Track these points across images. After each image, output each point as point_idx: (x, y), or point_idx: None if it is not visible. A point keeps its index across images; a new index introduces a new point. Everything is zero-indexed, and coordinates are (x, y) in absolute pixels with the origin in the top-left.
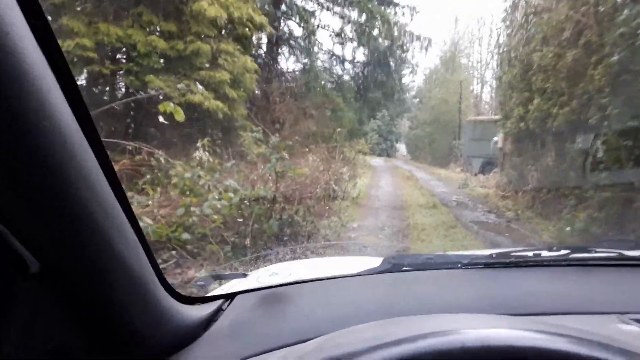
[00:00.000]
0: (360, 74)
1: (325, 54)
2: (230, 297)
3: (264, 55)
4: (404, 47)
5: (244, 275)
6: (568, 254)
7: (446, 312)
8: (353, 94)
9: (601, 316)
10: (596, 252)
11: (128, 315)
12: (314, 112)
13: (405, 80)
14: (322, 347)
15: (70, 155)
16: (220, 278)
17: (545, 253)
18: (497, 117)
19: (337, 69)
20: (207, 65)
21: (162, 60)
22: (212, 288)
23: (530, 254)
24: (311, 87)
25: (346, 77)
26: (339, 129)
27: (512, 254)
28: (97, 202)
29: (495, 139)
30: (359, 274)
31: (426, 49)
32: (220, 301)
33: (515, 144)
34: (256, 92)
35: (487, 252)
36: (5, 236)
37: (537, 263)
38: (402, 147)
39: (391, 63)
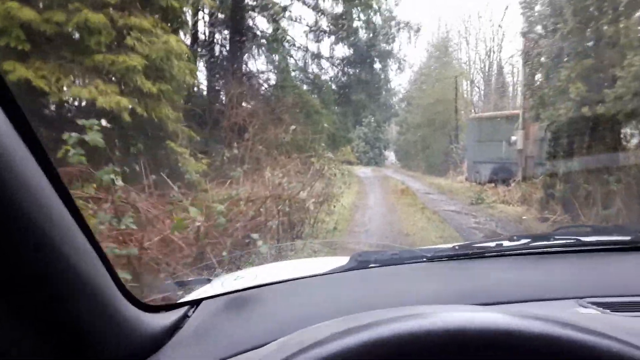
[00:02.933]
0: (340, 72)
1: (298, 50)
2: (195, 303)
3: (225, 52)
4: (389, 38)
5: (209, 281)
6: (528, 242)
7: (413, 305)
8: (333, 96)
9: (561, 301)
10: (555, 239)
11: (84, 324)
12: (285, 116)
13: (392, 78)
14: (283, 346)
15: (9, 159)
16: (184, 285)
17: (506, 243)
18: (513, 111)
19: (313, 68)
20: (105, 46)
21: (30, 40)
22: (177, 295)
23: (492, 244)
24: (281, 86)
25: (324, 77)
26: (316, 136)
27: (474, 245)
28: (40, 209)
29: (514, 138)
30: (325, 273)
31: (415, 38)
32: (185, 308)
33: (557, 140)
34: (203, 90)
35: (450, 245)
36: None
37: (499, 253)
38: (391, 155)
39: (375, 58)
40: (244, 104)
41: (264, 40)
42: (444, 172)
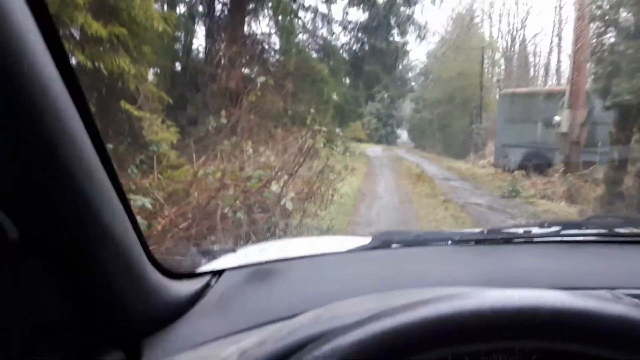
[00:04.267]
0: (353, 39)
1: (307, 11)
2: (218, 273)
3: (226, 11)
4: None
5: (233, 251)
6: (559, 230)
7: (440, 286)
8: (344, 65)
9: (593, 292)
10: (587, 228)
11: (113, 287)
12: (286, 83)
13: (410, 48)
14: (319, 319)
15: (55, 116)
16: (208, 254)
17: (536, 230)
18: (555, 87)
19: (323, 32)
20: None
21: None
22: (200, 263)
23: (521, 230)
24: (284, 50)
25: (334, 44)
26: (321, 107)
27: (503, 230)
28: (81, 167)
29: (557, 118)
30: (349, 251)
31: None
32: (208, 277)
33: (629, 122)
34: (199, 52)
35: (477, 229)
36: None
37: (528, 239)
38: (403, 134)
39: (393, 23)
40: (241, 69)
41: None
42: (464, 154)
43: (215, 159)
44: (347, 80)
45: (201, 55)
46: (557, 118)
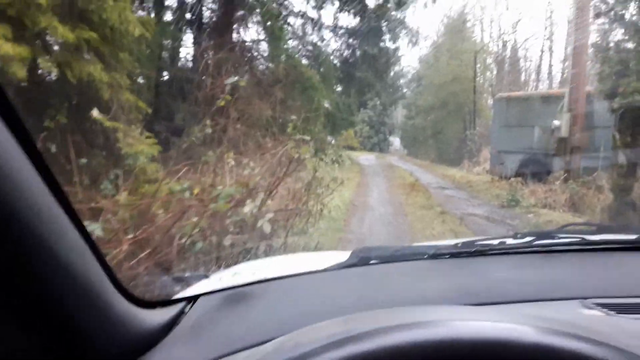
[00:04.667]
0: (344, 45)
1: (296, 16)
2: (192, 299)
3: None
4: (402, 2)
5: (206, 277)
6: (532, 240)
7: (414, 304)
8: (335, 72)
9: (565, 302)
10: (559, 237)
11: (77, 320)
12: (275, 91)
13: (402, 53)
14: (280, 348)
15: (1, 159)
16: (181, 280)
17: (509, 241)
18: (552, 90)
19: (313, 38)
20: None
21: None
22: (174, 290)
23: (495, 242)
24: (272, 56)
25: (325, 50)
26: (311, 115)
27: (477, 242)
28: (32, 206)
29: (557, 123)
30: (325, 270)
31: (433, 1)
32: (182, 304)
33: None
34: (187, 60)
35: (453, 241)
36: None
37: (502, 251)
38: (395, 141)
39: (384, 28)
40: (228, 76)
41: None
42: (458, 161)
43: (195, 172)
44: (339, 88)
45: (188, 63)
46: (556, 122)
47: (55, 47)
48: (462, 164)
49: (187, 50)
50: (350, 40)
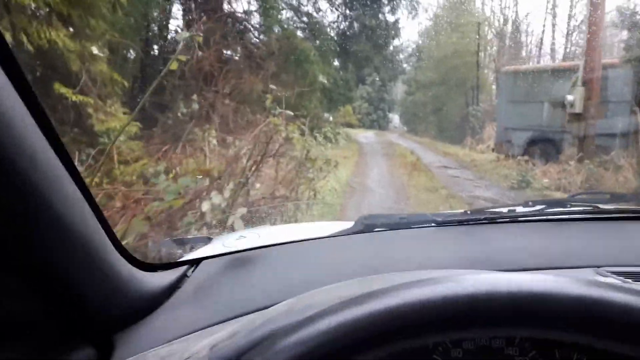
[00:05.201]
0: (341, 17)
1: None
2: (195, 262)
3: None
4: None
5: (209, 240)
6: (543, 209)
7: (423, 269)
8: (332, 44)
9: (578, 270)
10: (571, 206)
11: (80, 282)
12: (267, 64)
13: (402, 25)
14: (292, 309)
15: (7, 123)
16: (183, 243)
17: (520, 209)
18: (564, 62)
19: (309, 9)
20: None
21: None
22: (176, 253)
23: (505, 210)
24: (265, 27)
25: (322, 22)
26: (306, 89)
27: (487, 210)
28: (36, 167)
29: (570, 98)
30: (330, 236)
31: None
32: (184, 267)
33: None
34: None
35: (461, 210)
36: None
37: (512, 219)
38: (395, 118)
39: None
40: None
41: None
42: (460, 139)
43: (179, 151)
44: (336, 62)
45: (174, 34)
46: (569, 97)
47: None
48: (465, 142)
49: (177, 22)
50: (348, 12)
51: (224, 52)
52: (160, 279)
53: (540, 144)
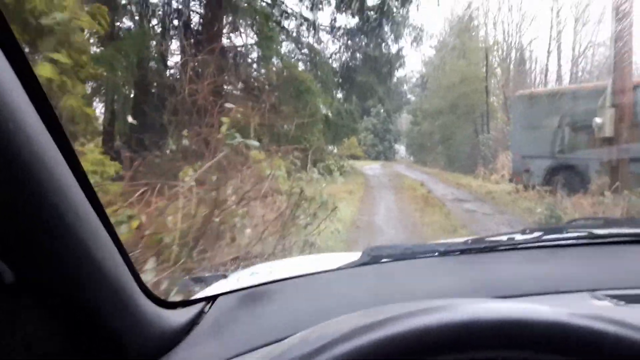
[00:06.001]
0: (343, 47)
1: (290, 18)
2: (211, 299)
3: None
4: None
5: (225, 277)
6: (540, 235)
7: (427, 299)
8: (334, 76)
9: (575, 294)
10: (567, 232)
11: (108, 322)
12: (264, 96)
13: (405, 53)
14: (305, 340)
15: (39, 159)
16: (200, 281)
17: (518, 236)
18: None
19: (310, 40)
20: None
21: None
22: (193, 291)
23: (504, 238)
24: (262, 57)
25: (323, 52)
26: (305, 121)
27: (487, 239)
28: (68, 206)
29: (598, 120)
30: (339, 269)
31: None
32: (202, 304)
33: None
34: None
35: (463, 239)
36: None
37: (511, 246)
38: (401, 149)
39: (386, 27)
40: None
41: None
42: (471, 169)
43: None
44: (340, 94)
45: (174, 70)
46: (597, 120)
47: None
48: (477, 171)
49: (176, 59)
50: (350, 42)
51: (221, 85)
52: (180, 316)
53: (563, 172)
